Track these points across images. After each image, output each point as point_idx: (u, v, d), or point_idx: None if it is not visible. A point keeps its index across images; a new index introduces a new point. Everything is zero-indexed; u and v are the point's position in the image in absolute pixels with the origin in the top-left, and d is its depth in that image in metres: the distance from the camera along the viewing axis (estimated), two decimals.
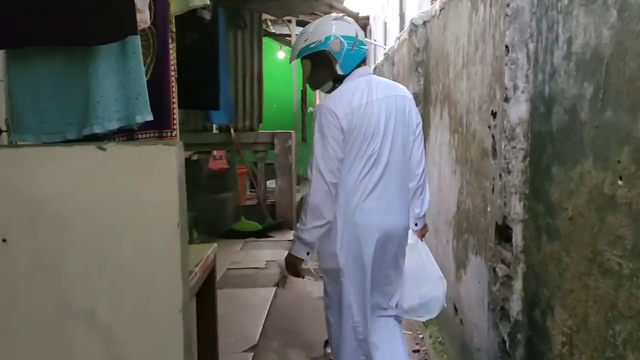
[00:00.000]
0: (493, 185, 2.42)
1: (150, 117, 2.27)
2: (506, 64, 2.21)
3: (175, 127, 2.59)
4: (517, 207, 2.23)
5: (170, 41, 2.54)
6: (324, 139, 2.68)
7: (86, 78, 2.13)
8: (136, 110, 2.22)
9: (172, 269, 1.91)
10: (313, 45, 2.80)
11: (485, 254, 2.80)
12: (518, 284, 2.25)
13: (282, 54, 14.39)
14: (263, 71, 8.22)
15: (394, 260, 2.93)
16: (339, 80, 2.86)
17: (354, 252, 2.77)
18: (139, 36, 2.19)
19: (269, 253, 6.72)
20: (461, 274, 3.46)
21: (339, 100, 2.75)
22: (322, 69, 2.86)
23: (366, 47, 2.91)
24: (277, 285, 5.53)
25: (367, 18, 17.38)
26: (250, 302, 4.96)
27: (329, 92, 2.91)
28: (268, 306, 4.88)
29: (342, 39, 2.79)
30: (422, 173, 3.03)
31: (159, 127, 2.56)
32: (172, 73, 2.57)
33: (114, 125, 2.21)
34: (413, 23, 5.03)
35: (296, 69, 11.20)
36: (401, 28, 8.48)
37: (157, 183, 1.92)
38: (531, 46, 2.16)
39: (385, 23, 12.50)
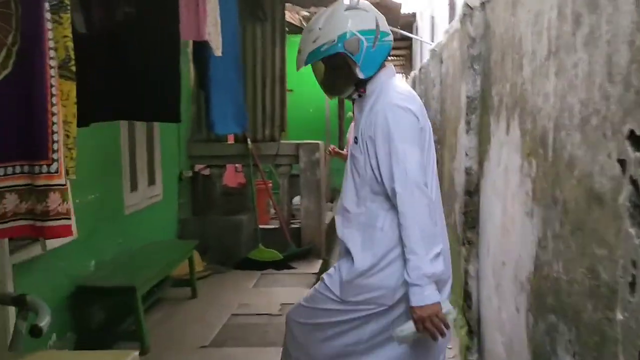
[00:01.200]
0: (634, 280, 1.29)
1: None
2: None
3: (57, 156, 1.55)
4: None
5: (44, 10, 1.48)
6: (412, 144, 2.32)
7: None
8: None
9: None
10: (325, 47, 2.36)
11: None
12: None
13: None
14: (286, 72, 7.16)
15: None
16: (362, 84, 2.46)
17: None
18: None
19: (287, 292, 5.64)
20: None
21: (407, 97, 2.42)
22: (339, 72, 2.45)
23: (390, 39, 2.47)
24: None
25: (414, 15, 16.40)
26: None
27: (349, 97, 2.57)
28: None
29: (360, 36, 2.35)
30: None
31: (27, 156, 1.51)
32: (51, 63, 1.51)
33: None
34: (468, 5, 3.94)
35: None
36: (451, 20, 7.39)
37: None
38: None
39: (433, 17, 11.39)
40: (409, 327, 2.33)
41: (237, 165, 8.52)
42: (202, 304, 5.34)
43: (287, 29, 7.39)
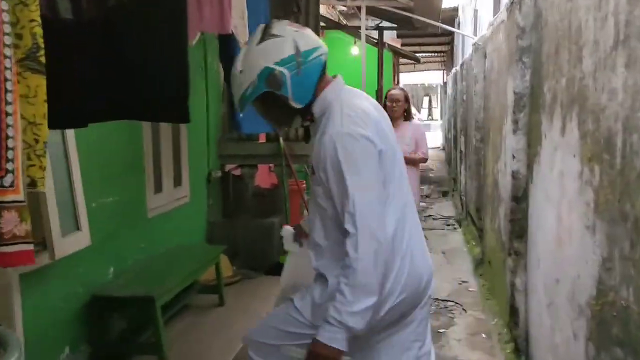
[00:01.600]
0: None
1: None
2: None
3: (12, 167, 1.30)
4: None
5: None
6: (365, 176, 2.08)
7: None
8: None
9: None
10: (249, 91, 2.18)
11: None
12: None
13: (356, 49, 13.11)
14: None
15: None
16: (307, 110, 2.26)
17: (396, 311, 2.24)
18: None
19: None
20: None
21: (359, 117, 2.15)
22: (276, 108, 2.26)
23: (320, 53, 2.21)
24: None
25: (455, 9, 16.07)
26: None
27: (302, 126, 2.36)
28: None
29: (278, 68, 2.14)
30: None
31: None
32: (6, 51, 1.27)
33: None
34: None
35: (365, 67, 9.78)
36: (496, 13, 7.02)
37: None
38: None
39: (476, 11, 11.00)
40: (301, 352, 2.20)
41: (270, 166, 8.28)
42: (229, 312, 5.10)
43: (323, 24, 7.11)
